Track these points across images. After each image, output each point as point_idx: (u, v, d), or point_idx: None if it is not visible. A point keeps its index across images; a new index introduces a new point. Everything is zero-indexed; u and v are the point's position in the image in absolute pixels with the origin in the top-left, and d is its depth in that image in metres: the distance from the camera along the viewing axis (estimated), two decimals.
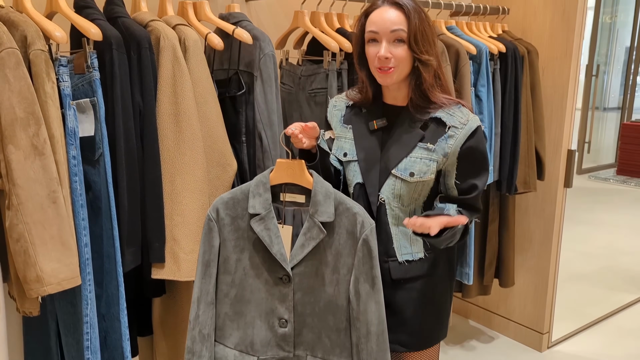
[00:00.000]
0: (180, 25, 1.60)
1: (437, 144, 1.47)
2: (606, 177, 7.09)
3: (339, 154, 1.59)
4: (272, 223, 1.41)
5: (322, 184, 1.43)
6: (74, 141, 1.41)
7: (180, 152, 1.55)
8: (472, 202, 1.51)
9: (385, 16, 1.43)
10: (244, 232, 1.44)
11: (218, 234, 1.44)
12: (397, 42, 1.43)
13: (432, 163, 1.48)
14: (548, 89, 2.65)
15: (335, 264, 1.43)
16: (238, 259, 1.45)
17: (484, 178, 1.52)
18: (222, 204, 1.44)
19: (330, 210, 1.40)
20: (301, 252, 1.41)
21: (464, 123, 1.47)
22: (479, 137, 1.48)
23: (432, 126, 1.48)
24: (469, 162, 1.49)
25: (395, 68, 1.44)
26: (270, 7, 2.26)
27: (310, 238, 1.40)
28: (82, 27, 1.42)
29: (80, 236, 1.43)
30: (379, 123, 1.53)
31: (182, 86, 1.53)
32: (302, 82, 2.05)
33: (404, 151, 1.49)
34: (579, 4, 2.52)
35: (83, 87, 1.47)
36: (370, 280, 1.41)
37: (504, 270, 2.75)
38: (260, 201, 1.41)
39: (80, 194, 1.42)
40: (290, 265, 1.42)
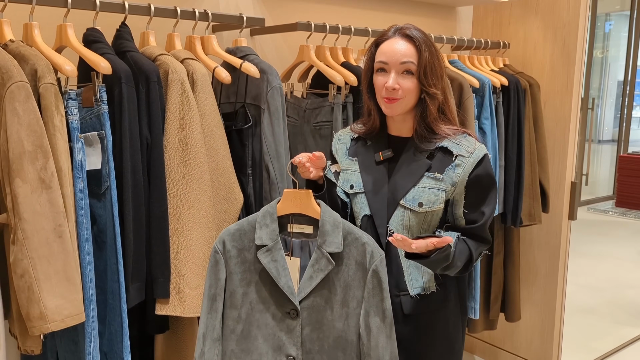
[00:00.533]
0: (188, 59, 1.61)
1: (444, 173, 1.47)
2: (605, 209, 7.09)
3: (345, 186, 1.59)
4: (279, 255, 1.39)
5: (329, 214, 1.41)
6: (81, 174, 1.40)
7: (187, 185, 1.53)
8: (480, 232, 1.48)
9: (395, 47, 1.45)
10: (251, 265, 1.41)
11: (224, 267, 1.41)
12: (406, 73, 1.44)
13: (440, 192, 1.47)
14: (550, 121, 2.67)
15: (345, 297, 1.40)
16: (245, 293, 1.41)
17: (492, 206, 1.50)
18: (228, 235, 1.42)
19: (338, 240, 1.38)
20: (309, 284, 1.38)
21: (470, 152, 1.47)
22: (487, 165, 1.48)
23: (439, 155, 1.48)
24: (477, 190, 1.48)
25: (401, 99, 1.45)
26: (275, 41, 2.28)
27: (318, 270, 1.38)
28: (92, 61, 1.42)
29: (85, 271, 1.40)
30: (385, 154, 1.53)
31: (190, 120, 1.52)
32: (307, 115, 2.05)
33: (411, 181, 1.48)
34: (578, 38, 2.56)
35: (91, 120, 1.46)
36: (381, 313, 1.38)
37: (510, 304, 2.72)
38: (267, 232, 1.39)
39: (86, 227, 1.40)
40: (298, 299, 1.38)
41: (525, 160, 2.49)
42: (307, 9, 2.36)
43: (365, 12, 2.56)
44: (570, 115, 2.62)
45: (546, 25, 2.66)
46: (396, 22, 1.56)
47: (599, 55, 8.52)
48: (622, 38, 8.00)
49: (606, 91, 8.91)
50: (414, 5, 2.73)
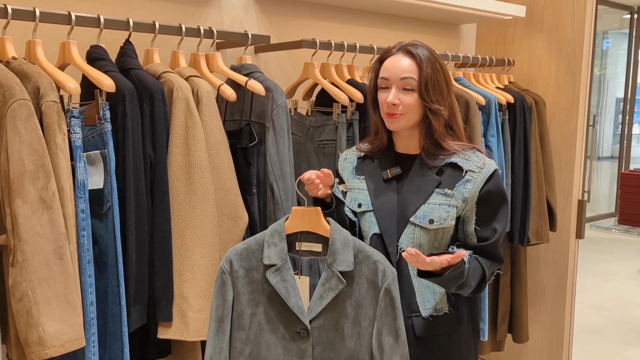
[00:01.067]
0: (193, 77, 1.59)
1: (455, 189, 1.44)
2: (608, 226, 7.06)
3: (353, 205, 1.56)
4: (288, 274, 1.36)
5: (339, 232, 1.39)
6: (83, 194, 1.36)
7: (192, 205, 1.50)
8: (492, 249, 1.45)
9: (396, 64, 1.45)
10: (259, 285, 1.38)
11: (232, 287, 1.38)
12: (407, 89, 1.44)
13: (451, 209, 1.44)
14: (556, 139, 2.65)
15: (356, 316, 1.36)
16: (253, 314, 1.38)
17: (503, 222, 1.47)
18: (235, 255, 1.39)
19: (349, 258, 1.35)
20: (320, 304, 1.35)
21: (480, 167, 1.45)
22: (497, 180, 1.46)
23: (448, 171, 1.46)
24: (488, 206, 1.45)
25: (403, 115, 1.44)
26: (279, 59, 2.27)
27: (328, 289, 1.35)
28: (96, 78, 1.40)
29: (86, 294, 1.36)
30: (393, 171, 1.51)
31: (195, 138, 1.50)
32: (310, 133, 2.03)
33: (421, 198, 1.46)
34: (584, 55, 2.55)
35: (94, 138, 1.43)
36: (394, 332, 1.34)
37: (518, 325, 2.67)
38: (275, 251, 1.36)
39: (87, 249, 1.36)
40: (309, 319, 1.35)
41: (532, 178, 2.46)
42: (312, 26, 2.35)
43: (369, 30, 2.55)
44: (577, 132, 2.60)
45: (551, 42, 2.66)
46: (400, 39, 1.56)
47: (597, 72, 8.59)
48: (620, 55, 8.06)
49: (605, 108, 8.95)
50: (418, 22, 2.72)
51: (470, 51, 2.96)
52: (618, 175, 7.64)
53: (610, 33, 8.75)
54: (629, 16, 7.71)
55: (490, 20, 2.80)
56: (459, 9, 2.39)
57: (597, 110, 8.70)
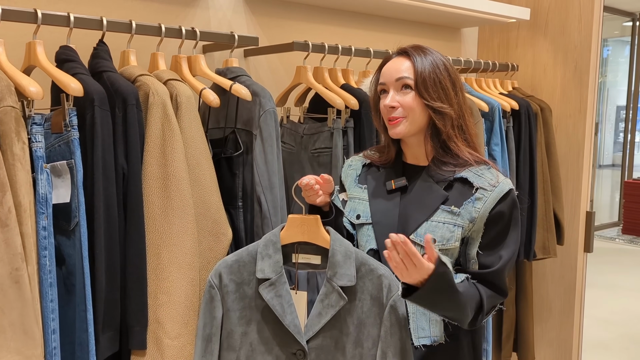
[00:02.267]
0: (172, 81, 1.46)
1: (462, 207, 1.30)
2: (611, 236, 6.93)
3: (351, 216, 1.43)
4: (284, 289, 1.25)
5: (340, 242, 1.28)
6: (45, 209, 1.23)
7: (168, 220, 1.36)
8: (494, 279, 1.29)
9: (391, 66, 1.37)
10: (252, 301, 1.27)
11: (221, 304, 1.27)
12: (404, 89, 1.34)
13: (456, 229, 1.30)
14: (562, 147, 2.52)
15: (358, 336, 1.26)
16: (244, 333, 1.27)
17: (512, 250, 1.31)
18: (225, 267, 1.28)
19: (351, 272, 1.24)
20: (318, 322, 1.24)
21: (493, 185, 1.30)
22: (512, 202, 1.31)
23: (457, 186, 1.32)
24: (497, 230, 1.30)
25: (404, 118, 1.33)
26: (270, 62, 2.14)
27: (328, 305, 1.24)
28: (61, 81, 1.27)
29: (47, 321, 1.22)
30: (397, 183, 1.38)
31: (172, 147, 1.36)
32: (304, 141, 1.89)
33: (424, 214, 1.32)
34: (591, 60, 2.43)
35: (60, 147, 1.30)
36: (400, 354, 1.23)
37: (523, 343, 2.55)
38: (270, 264, 1.26)
39: (49, 270, 1.23)
40: (306, 338, 1.25)
41: (538, 188, 2.33)
42: (306, 29, 2.23)
43: (367, 33, 2.43)
44: (585, 141, 2.48)
45: (556, 47, 2.54)
46: (399, 43, 1.46)
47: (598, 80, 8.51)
48: (620, 63, 8.00)
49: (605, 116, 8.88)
50: (417, 26, 2.60)
51: (472, 56, 2.84)
52: (621, 184, 7.52)
53: (610, 41, 8.69)
54: (631, 23, 7.63)
55: (492, 23, 2.68)
56: (460, 10, 2.27)
57: (598, 118, 8.64)
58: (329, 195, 1.37)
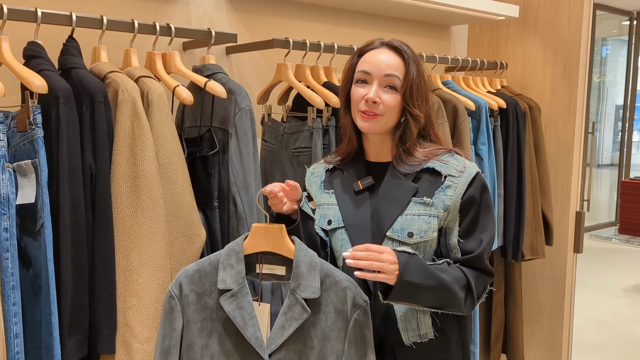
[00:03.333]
0: (143, 77, 1.42)
1: (434, 197, 1.28)
2: (608, 236, 6.89)
3: (322, 222, 1.40)
4: (245, 300, 1.21)
5: (305, 253, 1.24)
6: (6, 210, 1.19)
7: (138, 221, 1.32)
8: (478, 263, 1.27)
9: (381, 57, 1.31)
10: (212, 312, 1.23)
11: (181, 315, 1.23)
12: (389, 88, 1.30)
13: (432, 219, 1.28)
14: (551, 146, 2.49)
15: (322, 350, 1.22)
16: (205, 345, 1.23)
17: (489, 232, 1.30)
18: (186, 277, 1.24)
19: (315, 284, 1.20)
20: (281, 335, 1.20)
21: (460, 170, 1.29)
22: (481, 185, 1.30)
23: (426, 177, 1.31)
24: (472, 215, 1.28)
25: (381, 116, 1.29)
26: (253, 60, 2.10)
27: (291, 318, 1.20)
28: (25, 78, 1.23)
29: (9, 324, 1.19)
30: (364, 182, 1.35)
31: (142, 145, 1.33)
32: (284, 140, 1.86)
33: (397, 209, 1.30)
34: (581, 58, 2.39)
35: (25, 146, 1.26)
36: None
37: (512, 345, 2.51)
38: (231, 274, 1.22)
39: (12, 273, 1.19)
40: (268, 352, 1.20)
41: (526, 188, 2.30)
42: (290, 26, 2.19)
43: (353, 31, 2.39)
44: (574, 140, 2.44)
45: (546, 45, 2.50)
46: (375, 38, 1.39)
47: (597, 79, 8.50)
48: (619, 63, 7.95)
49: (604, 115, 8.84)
50: (406, 23, 2.56)
51: (461, 54, 2.80)
52: (618, 183, 7.48)
53: (609, 40, 8.64)
54: (628, 22, 7.58)
55: (482, 21, 2.64)
56: (447, 8, 2.23)
57: (597, 117, 8.60)
58: (296, 202, 1.32)
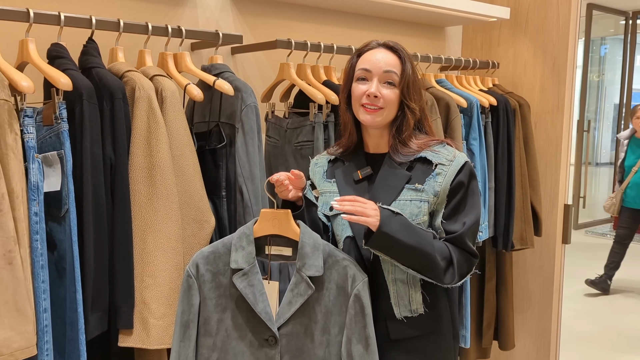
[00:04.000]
0: (158, 76, 1.54)
1: (425, 184, 1.41)
2: (603, 232, 7.00)
3: (324, 209, 1.52)
4: (256, 279, 1.32)
5: (309, 235, 1.36)
6: (36, 196, 1.31)
7: (153, 208, 1.45)
8: (460, 243, 1.37)
9: (379, 56, 1.43)
10: (226, 290, 1.34)
11: (198, 292, 1.35)
12: (388, 84, 1.42)
13: (422, 204, 1.40)
14: (541, 142, 2.60)
15: (326, 323, 1.33)
16: (220, 319, 1.35)
17: (473, 216, 1.40)
18: (202, 258, 1.36)
19: (318, 263, 1.32)
20: (288, 310, 1.32)
21: (450, 159, 1.42)
22: (469, 173, 1.42)
23: (418, 166, 1.43)
24: (457, 199, 1.40)
25: (382, 109, 1.42)
26: (257, 59, 2.22)
27: (297, 294, 1.32)
28: (52, 77, 1.35)
29: (39, 300, 1.31)
30: (363, 172, 1.48)
31: (157, 138, 1.45)
32: (288, 135, 1.98)
33: (391, 195, 1.42)
34: (568, 57, 2.51)
35: (51, 139, 1.38)
36: (364, 340, 1.31)
37: (504, 332, 2.62)
38: (243, 255, 1.33)
39: (41, 253, 1.31)
40: (277, 325, 1.32)
41: (515, 182, 2.41)
42: (291, 27, 2.31)
43: (350, 32, 2.51)
44: (562, 136, 2.55)
45: (536, 45, 2.62)
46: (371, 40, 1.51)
47: (595, 78, 8.56)
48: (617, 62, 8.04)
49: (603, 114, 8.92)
50: (402, 24, 2.68)
51: (455, 54, 2.92)
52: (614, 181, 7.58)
53: (608, 39, 8.73)
54: (625, 22, 7.68)
55: (474, 23, 2.76)
56: (440, 10, 2.35)
57: (595, 116, 8.67)
58: (300, 190, 1.45)
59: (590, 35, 7.40)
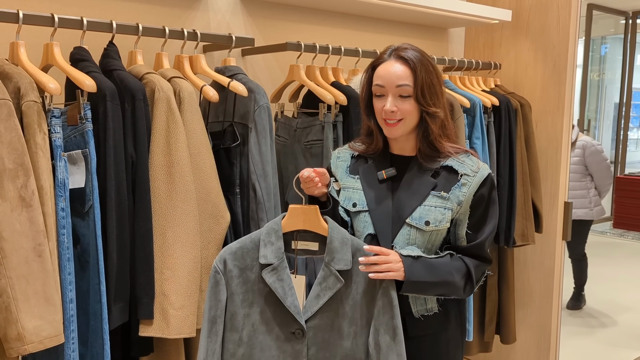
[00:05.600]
0: (175, 78, 1.61)
1: (451, 192, 1.46)
2: (603, 230, 7.06)
3: (347, 204, 1.55)
4: (285, 273, 1.35)
5: (338, 230, 1.39)
6: (63, 193, 1.38)
7: (172, 204, 1.51)
8: (478, 250, 1.47)
9: (391, 70, 1.45)
10: (254, 285, 1.37)
11: (225, 288, 1.37)
12: (403, 97, 1.45)
13: (447, 211, 1.46)
14: (542, 141, 2.67)
15: (353, 315, 1.37)
16: (246, 314, 1.37)
17: (492, 224, 1.49)
18: (230, 254, 1.38)
19: (347, 257, 1.36)
20: (316, 303, 1.35)
21: (475, 171, 1.47)
22: (491, 184, 1.48)
23: (444, 174, 1.48)
24: (481, 211, 1.47)
25: (402, 121, 1.46)
26: (266, 61, 2.29)
27: (326, 288, 1.35)
28: (77, 79, 1.42)
29: (65, 291, 1.38)
30: (388, 172, 1.52)
31: (176, 138, 1.51)
32: (297, 135, 2.05)
33: (417, 200, 1.47)
34: (569, 58, 2.57)
35: (75, 138, 1.45)
36: (391, 331, 1.35)
37: (505, 326, 2.68)
38: (272, 250, 1.36)
39: (67, 247, 1.38)
40: (305, 318, 1.35)
41: (517, 179, 2.48)
42: (300, 30, 2.38)
43: (357, 34, 2.57)
44: (562, 135, 2.62)
45: (537, 46, 2.68)
46: (389, 43, 1.56)
47: (596, 77, 8.59)
48: (617, 61, 8.07)
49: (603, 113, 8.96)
50: (406, 26, 2.75)
51: (458, 55, 2.99)
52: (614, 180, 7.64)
53: (608, 38, 8.76)
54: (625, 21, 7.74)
55: (477, 25, 2.82)
56: (443, 12, 2.41)
57: (596, 115, 8.71)
58: (325, 187, 1.49)
59: (591, 34, 7.45)
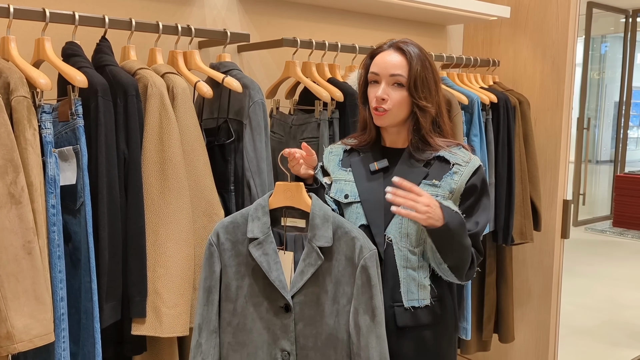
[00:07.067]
0: (169, 74, 1.59)
1: (442, 180, 1.47)
2: (603, 229, 7.05)
3: (338, 196, 1.56)
4: (270, 248, 1.37)
5: (320, 207, 1.40)
6: (54, 189, 1.36)
7: (165, 201, 1.50)
8: (474, 242, 1.46)
9: (387, 59, 1.48)
10: (244, 258, 1.40)
11: (219, 259, 1.40)
12: (396, 85, 1.47)
13: (438, 199, 1.45)
14: (541, 139, 2.65)
15: (335, 293, 1.37)
16: (239, 286, 1.40)
17: (485, 216, 1.49)
18: (222, 228, 1.41)
19: (328, 234, 1.36)
20: (300, 279, 1.37)
21: (466, 161, 1.48)
22: (482, 176, 1.49)
23: (436, 164, 1.49)
24: (471, 200, 1.48)
25: (390, 111, 1.46)
26: (262, 57, 2.27)
27: (309, 264, 1.36)
28: (68, 74, 1.40)
29: (56, 289, 1.36)
30: (380, 164, 1.53)
31: (169, 134, 1.50)
32: (293, 131, 2.03)
33: None
34: (567, 55, 2.55)
35: (67, 134, 1.43)
36: (371, 311, 1.35)
37: (504, 325, 2.67)
38: (258, 225, 1.38)
39: (58, 244, 1.36)
40: (290, 294, 1.36)
41: (515, 177, 2.46)
42: (296, 26, 2.36)
43: (356, 30, 2.55)
44: (561, 133, 2.60)
45: (535, 43, 2.66)
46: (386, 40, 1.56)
47: (596, 76, 8.57)
48: (617, 60, 8.06)
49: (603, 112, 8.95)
50: (404, 23, 2.73)
51: (457, 52, 2.97)
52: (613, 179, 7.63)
53: (608, 37, 8.74)
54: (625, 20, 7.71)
55: (475, 21, 2.81)
56: (442, 9, 2.39)
57: (596, 114, 8.69)
58: (312, 169, 1.52)
59: (591, 33, 7.43)
